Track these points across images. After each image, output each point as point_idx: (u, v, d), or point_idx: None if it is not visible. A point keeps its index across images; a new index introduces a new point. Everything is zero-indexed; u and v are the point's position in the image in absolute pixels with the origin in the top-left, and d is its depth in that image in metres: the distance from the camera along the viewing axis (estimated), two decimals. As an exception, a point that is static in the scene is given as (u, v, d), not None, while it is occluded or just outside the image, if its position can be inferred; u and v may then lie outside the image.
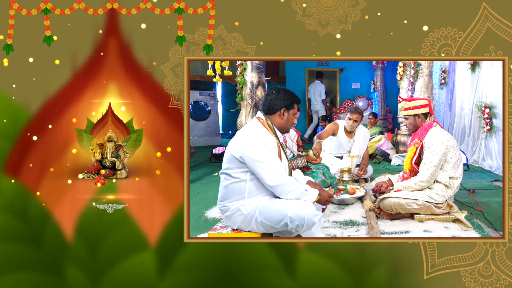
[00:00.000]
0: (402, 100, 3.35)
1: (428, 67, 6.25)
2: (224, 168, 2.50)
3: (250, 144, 2.38)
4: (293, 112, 2.59)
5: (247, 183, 2.44)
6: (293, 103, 2.59)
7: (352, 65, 10.56)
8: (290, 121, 2.59)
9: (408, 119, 3.27)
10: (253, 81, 6.00)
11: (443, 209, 3.03)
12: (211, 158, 6.55)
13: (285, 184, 2.38)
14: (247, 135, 2.45)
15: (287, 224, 2.33)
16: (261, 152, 2.36)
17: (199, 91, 9.16)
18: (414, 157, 3.17)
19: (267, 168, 2.35)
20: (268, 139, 2.44)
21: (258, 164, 2.36)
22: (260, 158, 2.35)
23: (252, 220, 2.44)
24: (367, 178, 4.61)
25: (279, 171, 2.38)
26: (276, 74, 10.67)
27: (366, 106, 9.66)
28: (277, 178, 2.36)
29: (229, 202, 2.49)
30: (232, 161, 2.44)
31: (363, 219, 3.15)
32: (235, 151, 2.42)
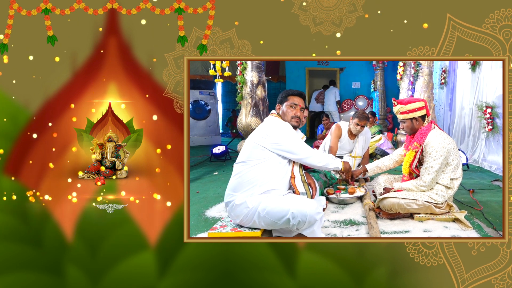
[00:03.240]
0: (397, 103, 3.18)
1: (428, 67, 6.26)
2: (242, 159, 2.61)
3: (274, 130, 2.61)
4: (287, 104, 2.72)
5: (262, 172, 2.53)
6: (286, 96, 2.75)
7: (352, 64, 10.56)
8: (288, 113, 2.72)
9: (405, 123, 3.15)
10: (253, 80, 6.00)
11: (443, 209, 3.02)
12: (211, 158, 6.55)
13: (314, 154, 2.69)
14: (269, 124, 2.67)
15: (289, 220, 2.34)
16: (284, 134, 2.60)
17: (199, 90, 9.16)
18: (414, 161, 3.10)
19: (295, 144, 2.61)
20: (286, 124, 2.68)
21: (287, 143, 2.58)
22: (286, 138, 2.59)
23: (255, 214, 2.45)
24: (367, 177, 4.61)
25: (305, 145, 2.68)
26: (276, 73, 10.68)
27: (366, 105, 9.66)
28: (306, 150, 2.64)
29: (239, 192, 2.53)
30: (255, 150, 2.57)
31: (363, 219, 3.15)
32: (261, 139, 2.58)
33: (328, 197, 3.58)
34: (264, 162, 2.55)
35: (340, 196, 3.59)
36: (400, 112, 3.15)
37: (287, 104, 2.72)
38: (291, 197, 2.53)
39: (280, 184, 2.59)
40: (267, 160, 2.56)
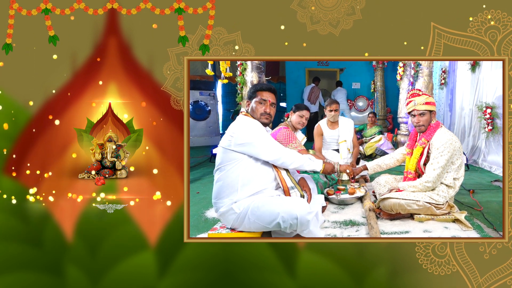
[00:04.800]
0: (422, 93, 3.09)
1: (428, 67, 6.25)
2: (217, 166, 2.53)
3: (239, 130, 2.47)
4: (256, 100, 2.58)
5: (240, 174, 2.45)
6: (254, 91, 2.61)
7: (352, 65, 10.57)
8: (258, 109, 2.57)
9: (424, 115, 3.04)
10: (253, 81, 6.00)
11: (443, 210, 3.02)
12: (210, 158, 6.55)
13: (285, 155, 2.49)
14: (235, 125, 2.53)
15: (280, 224, 2.30)
16: (251, 134, 2.45)
17: (199, 91, 9.15)
18: (422, 157, 3.07)
19: (262, 144, 2.45)
20: (254, 123, 2.51)
21: (253, 144, 2.44)
22: (252, 139, 2.44)
23: (245, 219, 2.42)
24: (367, 178, 4.62)
25: (274, 144, 2.49)
26: (276, 74, 10.68)
27: (366, 106, 9.66)
28: (275, 151, 2.47)
29: (222, 199, 2.49)
30: (225, 155, 2.48)
31: (363, 219, 3.15)
32: (227, 144, 2.47)
33: (328, 197, 3.58)
34: (238, 163, 2.45)
35: (340, 196, 3.58)
36: (425, 102, 3.04)
37: (256, 100, 2.58)
38: (280, 200, 2.43)
39: (263, 184, 2.50)
40: (241, 161, 2.46)
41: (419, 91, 3.14)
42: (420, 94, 3.10)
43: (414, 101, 3.08)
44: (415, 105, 3.07)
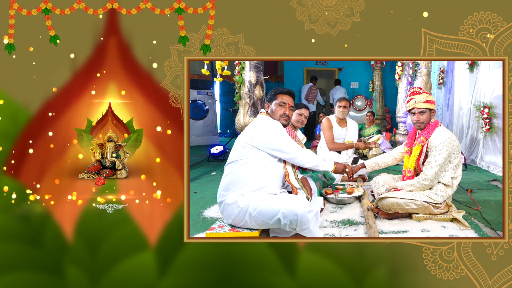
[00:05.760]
0: (422, 91, 3.12)
1: (427, 67, 6.27)
2: (233, 159, 2.61)
3: (263, 129, 2.60)
4: (276, 102, 2.74)
5: (252, 170, 2.54)
6: (275, 94, 2.76)
7: (350, 64, 10.58)
8: (277, 111, 2.73)
9: (424, 113, 3.06)
10: (251, 80, 6.00)
11: (441, 209, 3.03)
12: (208, 158, 6.54)
13: (302, 154, 2.66)
14: (258, 124, 2.66)
15: (280, 220, 2.36)
16: (273, 132, 2.60)
17: (197, 90, 9.14)
18: (421, 155, 3.10)
19: (284, 143, 2.60)
20: (276, 123, 2.67)
21: (275, 143, 2.58)
22: (275, 137, 2.59)
23: (246, 214, 2.47)
24: (365, 177, 4.63)
25: (294, 144, 2.65)
26: (274, 73, 10.68)
27: (365, 105, 9.67)
28: (294, 150, 2.63)
29: (230, 191, 2.55)
30: (245, 150, 2.58)
31: (361, 219, 3.16)
32: (249, 139, 2.58)
33: (326, 197, 3.59)
34: (254, 160, 2.57)
35: (338, 196, 3.59)
36: (425, 100, 3.06)
37: (276, 102, 2.74)
38: (282, 197, 2.55)
39: (271, 182, 2.61)
40: (257, 158, 2.57)
41: (420, 89, 3.16)
42: (421, 92, 3.12)
43: (414, 99, 3.10)
44: (415, 103, 3.09)
